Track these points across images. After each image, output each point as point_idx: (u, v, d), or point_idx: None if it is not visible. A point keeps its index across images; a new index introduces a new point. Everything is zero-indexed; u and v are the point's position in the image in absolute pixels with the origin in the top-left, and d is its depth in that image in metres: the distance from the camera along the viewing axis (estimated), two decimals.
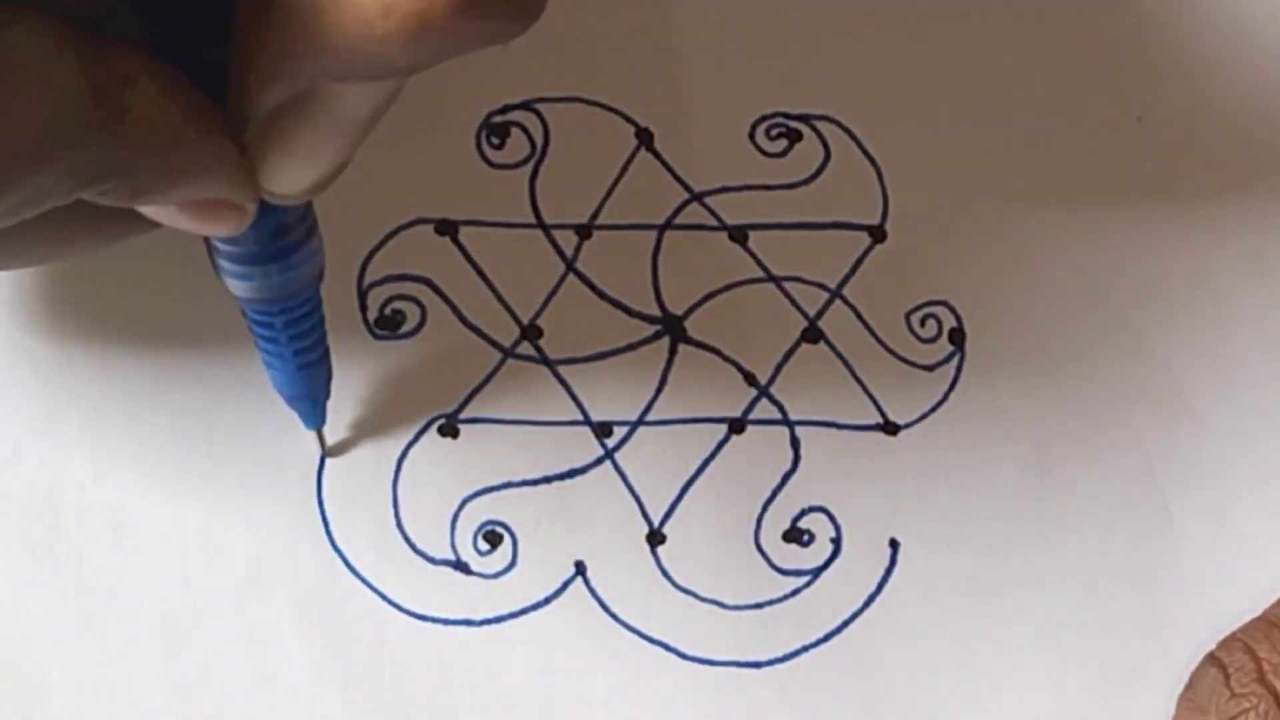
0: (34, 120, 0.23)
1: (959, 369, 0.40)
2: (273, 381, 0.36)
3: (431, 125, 0.40)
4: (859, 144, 0.41)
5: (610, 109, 0.40)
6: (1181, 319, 0.41)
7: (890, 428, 0.39)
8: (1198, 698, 0.37)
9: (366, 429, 0.38)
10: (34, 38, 0.23)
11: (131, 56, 0.25)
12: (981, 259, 0.41)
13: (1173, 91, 0.42)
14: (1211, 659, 0.37)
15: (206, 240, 0.31)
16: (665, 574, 0.38)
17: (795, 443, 0.39)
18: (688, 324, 0.39)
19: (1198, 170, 0.41)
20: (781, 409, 0.39)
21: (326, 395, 0.37)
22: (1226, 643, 0.37)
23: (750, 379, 0.39)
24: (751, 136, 0.41)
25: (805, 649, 0.38)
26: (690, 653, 0.38)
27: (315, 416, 0.37)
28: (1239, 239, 0.41)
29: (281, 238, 0.31)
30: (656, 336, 0.39)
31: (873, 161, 0.41)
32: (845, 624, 0.38)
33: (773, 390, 0.39)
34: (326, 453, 0.38)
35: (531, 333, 0.39)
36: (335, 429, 0.38)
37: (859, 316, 0.40)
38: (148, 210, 0.28)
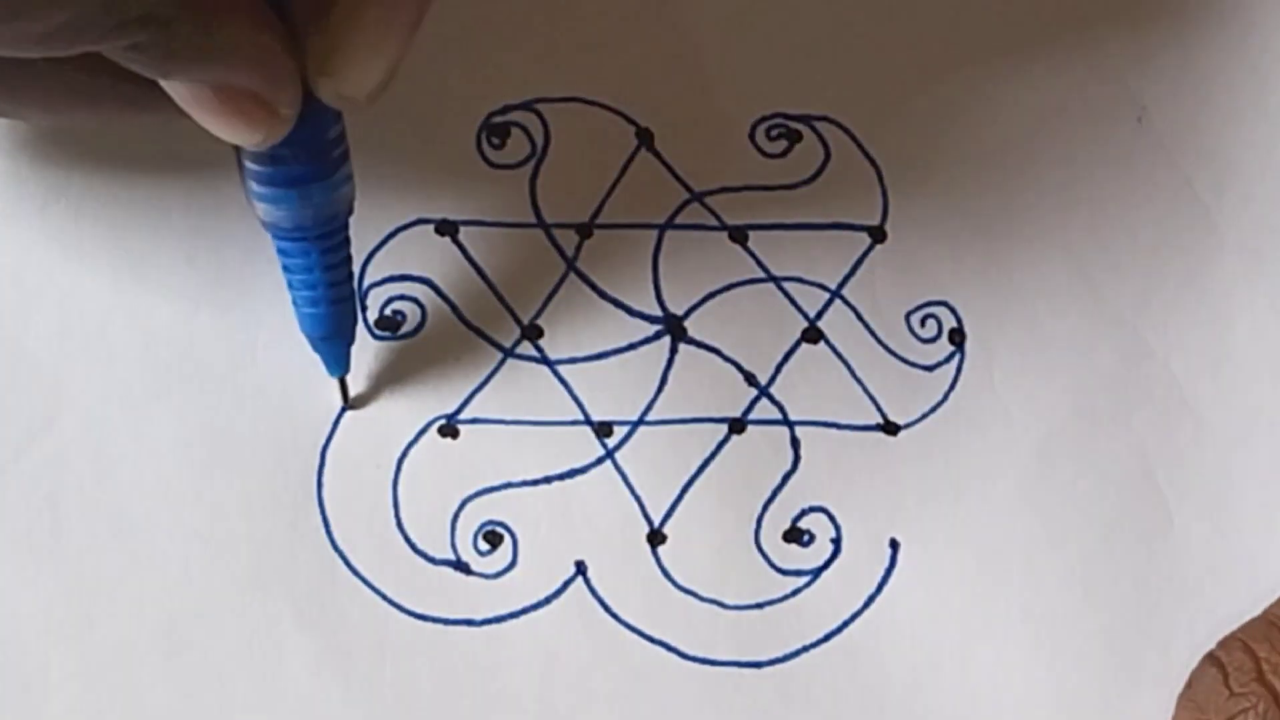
0: None
1: (959, 369, 0.40)
2: (302, 323, 0.36)
3: (432, 125, 0.40)
4: (859, 145, 0.41)
5: (610, 109, 0.40)
6: (1181, 319, 0.41)
7: (890, 428, 0.39)
8: (1197, 697, 0.37)
9: (367, 429, 0.38)
10: None
11: None
12: (981, 259, 0.41)
13: (1172, 92, 0.42)
14: (1211, 658, 0.37)
15: (241, 168, 0.31)
16: (666, 574, 0.38)
17: (795, 443, 0.39)
18: (688, 324, 0.39)
19: (1197, 170, 0.41)
20: (782, 409, 0.39)
21: (352, 339, 0.37)
22: (1226, 642, 0.37)
23: (750, 379, 0.39)
24: (751, 137, 0.41)
25: (805, 649, 0.38)
26: (691, 652, 0.38)
27: (343, 360, 0.37)
28: (1239, 239, 0.41)
29: (323, 156, 0.31)
30: (657, 336, 0.39)
31: (873, 162, 0.41)
32: (846, 624, 0.38)
33: (773, 390, 0.39)
34: (350, 404, 0.38)
35: (532, 332, 0.39)
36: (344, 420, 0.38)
37: (859, 317, 0.40)
38: (178, 94, 0.27)
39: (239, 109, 0.28)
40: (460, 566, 0.38)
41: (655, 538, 0.38)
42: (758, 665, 0.38)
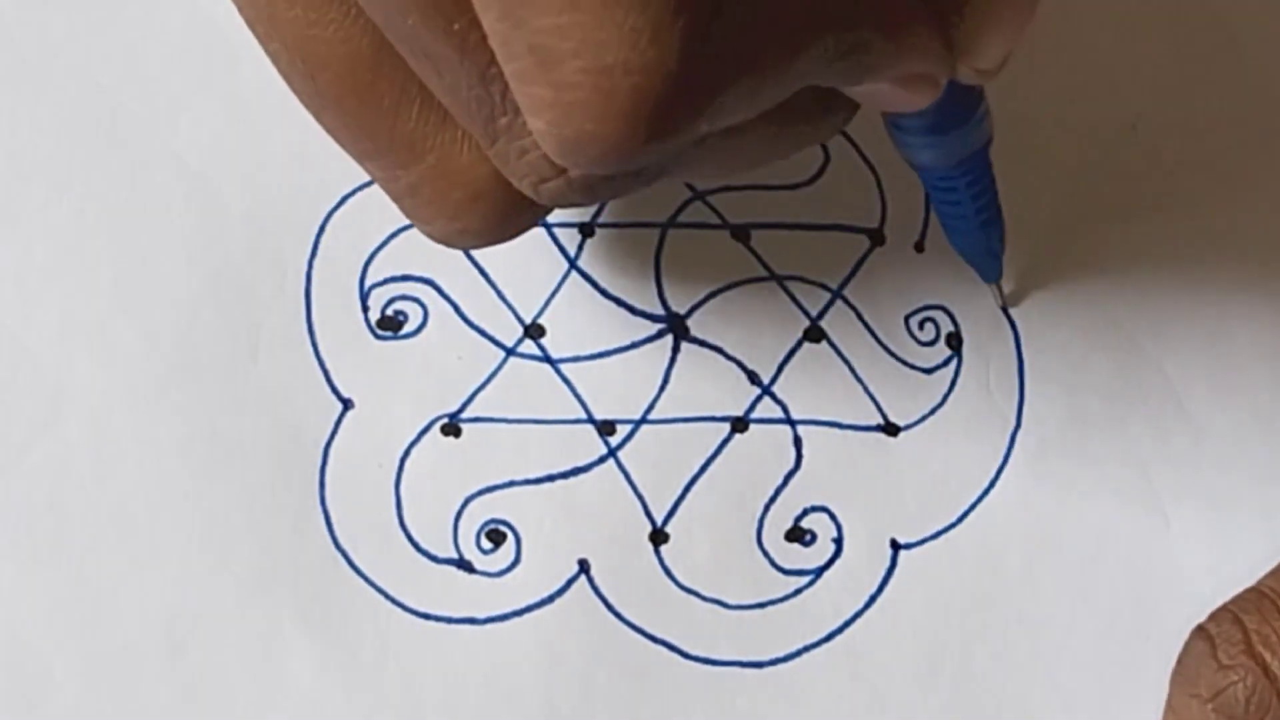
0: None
1: (957, 373, 0.40)
2: (952, 242, 0.38)
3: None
4: (858, 149, 0.41)
5: None
6: (1177, 324, 0.41)
7: (891, 429, 0.39)
8: (1187, 670, 0.37)
9: (369, 428, 0.38)
10: None
11: None
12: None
13: (1167, 99, 0.42)
14: (1200, 631, 0.37)
15: (890, 126, 0.34)
16: (668, 573, 0.38)
17: (797, 442, 0.39)
18: (690, 322, 0.39)
19: (1192, 177, 0.42)
20: (784, 408, 0.39)
21: (1003, 249, 0.39)
22: (1217, 614, 0.37)
23: (753, 378, 0.39)
24: None
25: (807, 649, 0.38)
26: (692, 652, 0.38)
27: (994, 270, 0.39)
28: (1234, 245, 0.41)
29: (962, 105, 0.34)
30: (659, 335, 0.39)
31: (871, 167, 0.41)
32: (847, 624, 0.38)
33: (775, 389, 0.39)
34: (1005, 303, 0.40)
35: (534, 331, 0.39)
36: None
37: (860, 318, 0.40)
38: (858, 92, 0.31)
39: (909, 85, 0.31)
40: (463, 565, 0.38)
41: (658, 537, 0.38)
42: (759, 665, 0.38)
